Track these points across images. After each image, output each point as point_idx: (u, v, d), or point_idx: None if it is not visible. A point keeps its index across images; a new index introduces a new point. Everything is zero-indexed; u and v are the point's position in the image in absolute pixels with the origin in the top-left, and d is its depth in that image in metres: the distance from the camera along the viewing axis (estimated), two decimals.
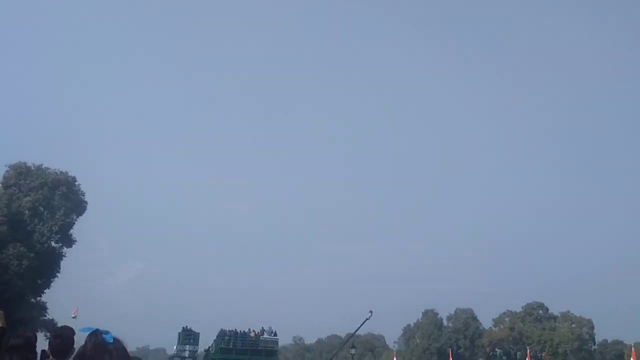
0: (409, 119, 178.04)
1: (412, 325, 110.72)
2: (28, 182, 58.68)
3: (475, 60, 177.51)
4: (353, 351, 54.75)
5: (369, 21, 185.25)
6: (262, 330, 54.84)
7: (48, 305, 60.93)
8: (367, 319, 50.12)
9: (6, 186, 58.23)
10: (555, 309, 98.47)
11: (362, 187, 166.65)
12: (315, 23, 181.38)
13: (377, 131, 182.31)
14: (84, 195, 60.75)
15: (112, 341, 3.92)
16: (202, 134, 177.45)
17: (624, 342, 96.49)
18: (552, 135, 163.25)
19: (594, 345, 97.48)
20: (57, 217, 57.51)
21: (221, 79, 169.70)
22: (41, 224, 57.22)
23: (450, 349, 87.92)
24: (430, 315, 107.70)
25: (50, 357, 5.65)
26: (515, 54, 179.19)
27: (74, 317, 52.13)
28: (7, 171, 59.36)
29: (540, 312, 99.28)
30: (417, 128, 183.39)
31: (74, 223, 59.45)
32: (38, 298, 59.79)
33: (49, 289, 59.14)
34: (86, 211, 60.94)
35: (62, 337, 5.70)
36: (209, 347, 60.26)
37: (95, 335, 3.92)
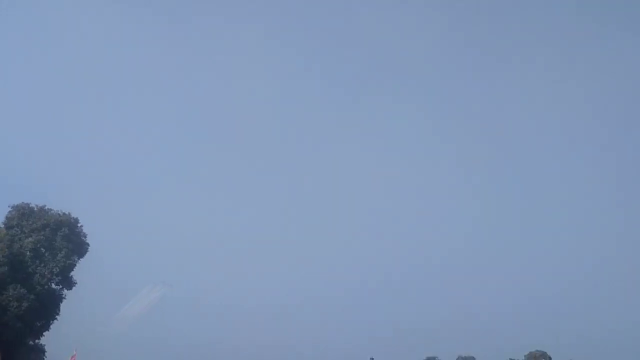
0: None
1: None
2: (30, 222, 58.85)
3: None
4: None
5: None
6: None
7: (46, 348, 60.33)
8: None
9: (9, 227, 58.38)
10: (558, 358, 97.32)
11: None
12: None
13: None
14: (85, 237, 60.78)
15: None
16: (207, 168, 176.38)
17: None
18: None
19: None
20: (58, 258, 57.49)
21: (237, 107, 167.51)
22: (42, 265, 57.16)
23: None
24: None
25: None
26: None
27: None
28: (10, 212, 59.66)
29: None
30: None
31: (75, 265, 59.31)
32: (37, 340, 59.24)
33: (48, 331, 58.63)
34: (88, 253, 60.88)
35: None
36: None
37: None
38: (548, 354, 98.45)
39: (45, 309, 56.42)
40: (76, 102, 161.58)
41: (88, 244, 60.79)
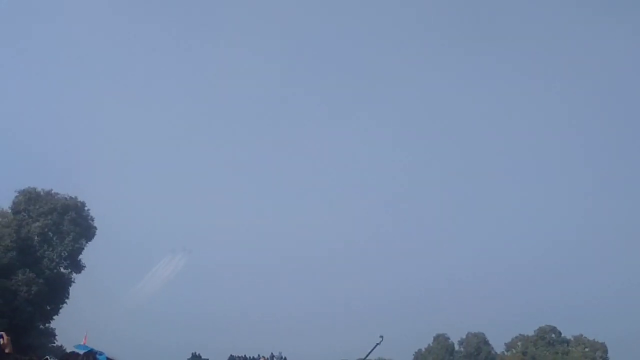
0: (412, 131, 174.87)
1: (424, 350, 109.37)
2: (37, 207, 58.85)
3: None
4: None
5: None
6: (272, 356, 54.30)
7: (57, 332, 60.66)
8: (377, 344, 49.59)
9: (15, 212, 58.38)
10: (568, 333, 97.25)
11: (375, 211, 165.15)
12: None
13: (380, 149, 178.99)
14: (93, 220, 60.80)
15: None
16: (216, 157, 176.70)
17: None
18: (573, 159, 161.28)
19: None
20: (66, 242, 57.57)
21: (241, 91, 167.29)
22: (50, 249, 57.27)
23: None
24: (441, 340, 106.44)
25: None
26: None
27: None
28: (16, 197, 59.58)
29: (553, 335, 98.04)
30: (422, 144, 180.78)
31: (83, 248, 59.40)
32: (47, 324, 59.50)
33: (57, 315, 58.87)
34: (95, 236, 60.93)
35: None
36: None
37: (88, 355, 3.81)
38: (558, 328, 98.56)
39: (55, 293, 56.62)
40: (77, 86, 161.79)
41: (95, 227, 60.86)
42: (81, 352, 3.90)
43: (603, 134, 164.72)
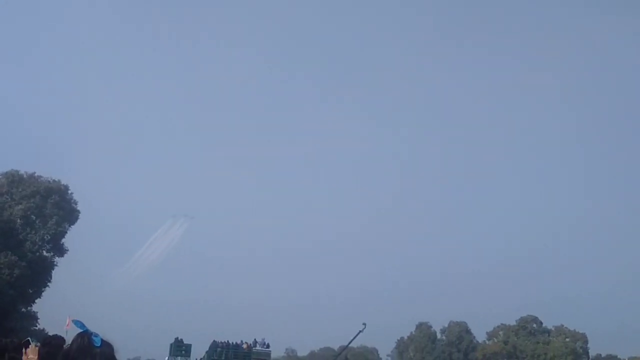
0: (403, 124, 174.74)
1: (406, 338, 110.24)
2: (20, 190, 58.34)
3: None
4: None
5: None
6: (255, 342, 54.42)
7: (39, 315, 60.38)
8: (360, 332, 49.91)
9: None
10: (549, 323, 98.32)
11: (358, 199, 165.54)
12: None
13: (367, 138, 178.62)
14: (76, 204, 60.45)
15: (99, 344, 3.71)
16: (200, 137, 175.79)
17: (618, 356, 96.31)
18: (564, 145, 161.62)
19: (588, 359, 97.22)
20: (49, 225, 57.17)
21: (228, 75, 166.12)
22: (33, 232, 56.87)
23: None
24: (423, 329, 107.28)
25: None
26: None
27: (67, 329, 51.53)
28: None
29: (534, 325, 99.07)
30: (416, 135, 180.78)
31: (66, 232, 59.04)
32: (29, 307, 59.22)
33: (40, 298, 58.62)
34: (78, 220, 60.57)
35: (51, 345, 5.55)
36: (201, 358, 59.72)
37: (83, 336, 3.72)
38: (539, 318, 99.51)
39: (37, 276, 56.23)
40: (61, 71, 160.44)
41: (79, 211, 60.51)
42: (78, 329, 3.81)
43: (601, 133, 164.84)
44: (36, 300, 58.60)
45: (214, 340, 55.54)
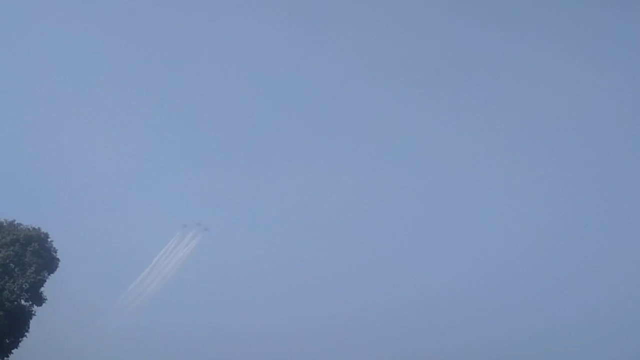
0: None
1: None
2: (0, 238, 58.12)
3: None
4: None
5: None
6: None
7: None
8: None
9: None
10: None
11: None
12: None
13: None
14: (56, 252, 60.20)
15: None
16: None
17: None
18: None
19: None
20: (27, 274, 56.81)
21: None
22: (11, 281, 56.38)
23: None
24: None
25: None
26: None
27: None
28: None
29: None
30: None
31: (45, 280, 58.62)
32: (5, 358, 58.24)
33: (17, 348, 57.71)
34: (58, 268, 60.26)
35: None
36: None
37: None
38: None
39: (15, 326, 55.59)
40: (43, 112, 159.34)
41: (58, 259, 60.21)
42: None
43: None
44: (13, 351, 57.69)
45: None
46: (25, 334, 57.61)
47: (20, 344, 57.63)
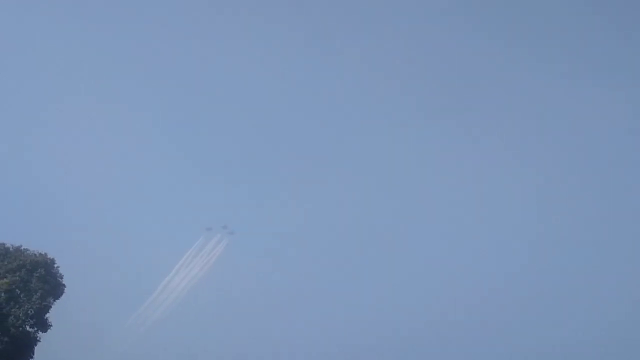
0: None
1: None
2: (6, 263, 58.51)
3: None
4: None
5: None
6: None
7: None
8: None
9: None
10: None
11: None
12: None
13: None
14: (62, 278, 60.41)
15: None
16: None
17: None
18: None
19: None
20: (33, 300, 56.93)
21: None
22: (17, 307, 56.51)
23: None
24: None
25: None
26: None
27: None
28: None
29: None
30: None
31: (50, 306, 58.70)
32: None
33: None
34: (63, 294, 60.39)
35: None
36: None
37: None
38: None
39: (19, 352, 55.59)
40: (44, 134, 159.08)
41: (64, 285, 60.36)
42: None
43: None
44: None
45: None
46: (30, 359, 57.63)
47: None
